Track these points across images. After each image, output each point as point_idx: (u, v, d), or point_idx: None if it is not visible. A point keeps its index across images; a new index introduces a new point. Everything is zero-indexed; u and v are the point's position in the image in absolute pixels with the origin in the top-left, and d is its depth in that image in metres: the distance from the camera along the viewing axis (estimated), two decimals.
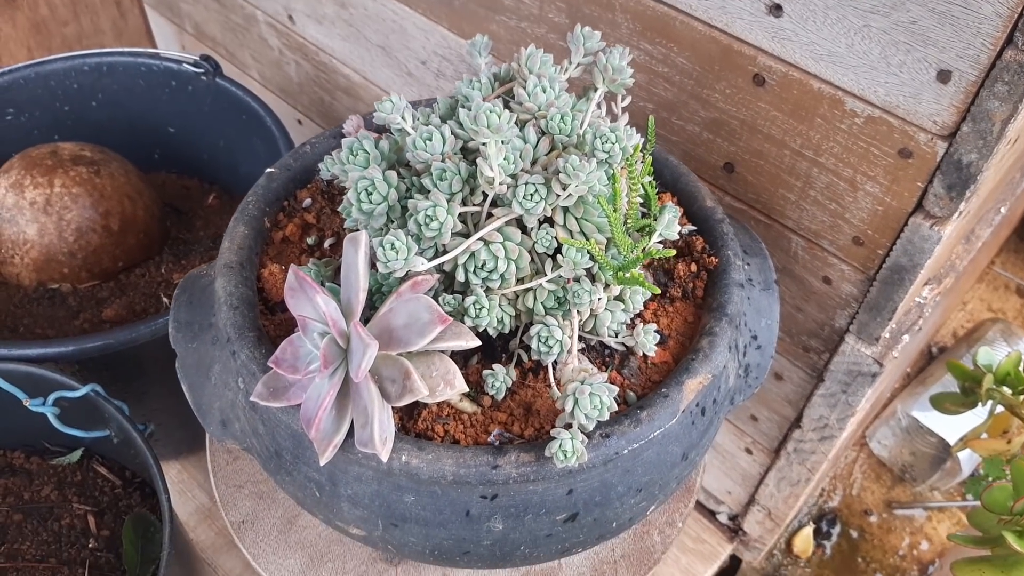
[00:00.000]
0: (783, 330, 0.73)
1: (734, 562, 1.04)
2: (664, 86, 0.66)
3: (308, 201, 0.57)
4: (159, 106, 0.94)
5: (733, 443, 0.87)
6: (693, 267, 0.55)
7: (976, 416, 0.87)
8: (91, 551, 0.67)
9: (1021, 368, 0.81)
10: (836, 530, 1.00)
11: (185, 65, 0.90)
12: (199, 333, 0.52)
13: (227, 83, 0.89)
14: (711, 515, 0.97)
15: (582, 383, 0.43)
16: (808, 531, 0.99)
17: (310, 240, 0.56)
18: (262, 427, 0.48)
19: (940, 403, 0.87)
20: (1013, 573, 0.64)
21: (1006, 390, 0.80)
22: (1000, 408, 0.84)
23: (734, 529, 0.96)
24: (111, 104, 0.93)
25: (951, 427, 1.02)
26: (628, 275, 0.44)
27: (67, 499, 0.70)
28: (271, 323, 0.51)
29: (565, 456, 0.42)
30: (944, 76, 0.51)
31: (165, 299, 0.80)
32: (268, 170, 0.57)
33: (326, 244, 0.55)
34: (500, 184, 0.43)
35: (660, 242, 0.50)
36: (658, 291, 0.45)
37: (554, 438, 0.43)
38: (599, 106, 0.50)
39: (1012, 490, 0.66)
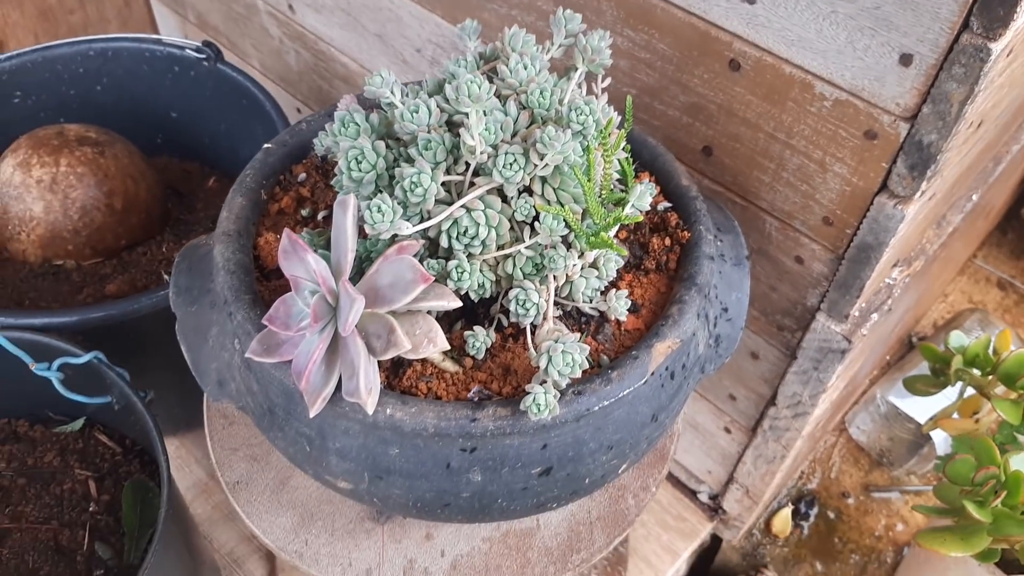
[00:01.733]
0: (759, 310, 0.76)
1: (715, 541, 1.07)
2: (646, 71, 0.69)
3: (303, 176, 0.60)
4: (162, 91, 0.97)
5: (713, 423, 0.90)
6: (667, 241, 0.58)
7: (948, 399, 0.90)
8: (91, 514, 0.70)
9: (990, 351, 0.84)
10: (814, 511, 1.03)
11: (188, 51, 0.93)
12: (198, 297, 0.55)
13: (228, 68, 0.92)
14: (692, 494, 1.00)
15: (556, 342, 0.46)
16: (787, 512, 1.02)
17: (304, 212, 0.58)
18: (256, 385, 0.51)
19: (913, 385, 0.90)
20: (973, 540, 0.67)
21: (975, 372, 0.84)
22: (970, 390, 0.87)
23: (714, 508, 0.99)
24: (116, 88, 0.96)
25: (927, 412, 1.05)
26: (600, 240, 0.47)
27: (69, 465, 0.72)
28: (266, 288, 0.54)
29: (539, 409, 0.45)
30: (906, 60, 0.54)
31: (166, 276, 0.83)
32: (265, 145, 0.60)
33: (320, 216, 0.58)
34: (481, 153, 0.46)
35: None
36: (625, 253, 0.48)
37: (528, 393, 0.45)
38: (580, 86, 0.53)
39: (974, 462, 0.69)
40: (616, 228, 0.52)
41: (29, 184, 0.81)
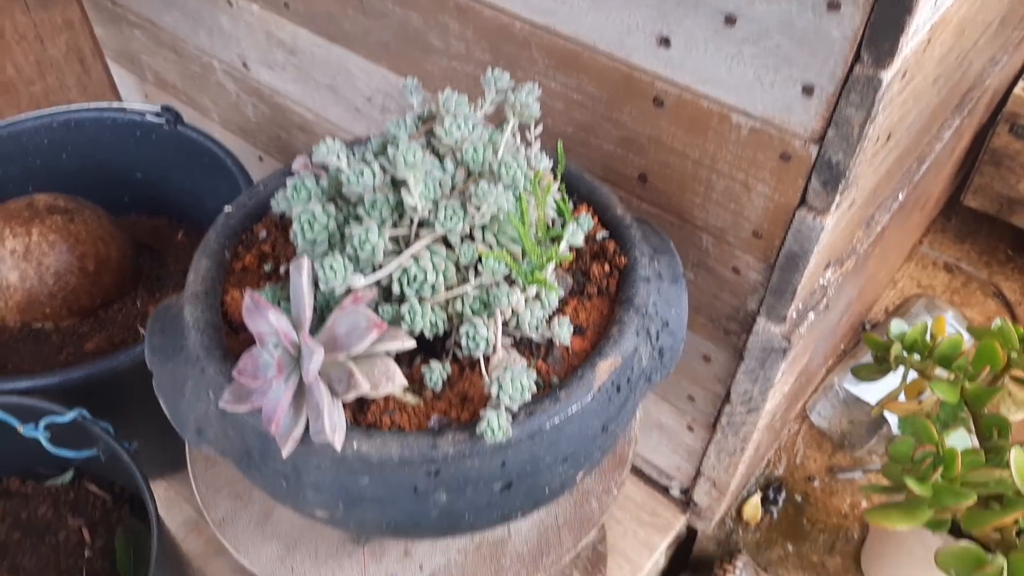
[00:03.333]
0: (706, 316, 0.81)
1: (692, 533, 1.12)
2: (580, 111, 0.74)
3: (264, 233, 0.65)
4: (126, 154, 1.01)
5: (676, 422, 0.95)
6: (607, 267, 0.63)
7: (898, 382, 0.95)
8: (87, 560, 0.73)
9: (927, 336, 0.90)
10: (782, 497, 1.08)
11: (148, 116, 0.97)
12: (172, 355, 0.59)
13: (188, 130, 0.96)
14: (664, 490, 1.05)
15: (505, 369, 0.51)
16: (756, 499, 1.07)
17: (267, 267, 0.63)
18: (232, 431, 0.55)
19: (859, 373, 0.95)
20: (916, 514, 0.72)
21: (915, 357, 0.89)
22: (913, 374, 0.92)
23: (686, 501, 1.04)
24: (80, 155, 1.00)
25: (881, 397, 1.11)
26: (538, 278, 0.51)
27: (62, 516, 0.76)
28: (236, 342, 0.58)
29: (493, 432, 0.50)
30: (808, 90, 0.59)
31: (142, 330, 0.87)
32: (226, 209, 0.64)
33: (281, 270, 0.63)
34: (423, 209, 0.51)
35: (571, 249, 0.58)
36: (560, 290, 0.53)
37: (481, 418, 0.50)
38: (514, 135, 0.58)
39: (914, 442, 0.75)
40: (553, 265, 0.56)
41: (3, 255, 0.85)
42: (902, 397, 0.94)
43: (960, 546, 0.70)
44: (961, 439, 0.77)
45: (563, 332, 0.56)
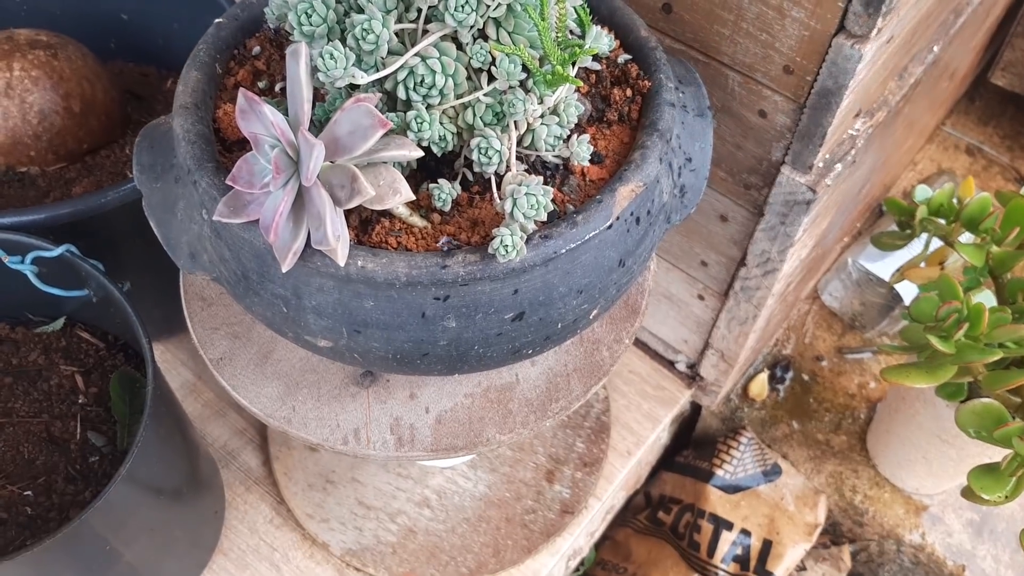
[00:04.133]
0: (726, 170, 0.77)
1: (696, 410, 1.10)
2: None
3: (257, 49, 0.60)
4: None
5: (686, 291, 0.92)
6: (628, 92, 0.58)
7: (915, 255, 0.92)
8: (81, 406, 0.71)
9: (954, 200, 0.86)
10: (789, 375, 1.07)
11: None
12: (162, 174, 0.55)
13: None
14: (670, 364, 1.03)
15: (519, 185, 0.47)
16: (763, 377, 1.06)
17: (261, 84, 0.58)
18: (228, 252, 0.52)
19: (880, 240, 0.92)
20: (938, 372, 0.69)
21: (941, 221, 0.85)
22: (936, 242, 0.89)
23: (692, 376, 1.02)
24: None
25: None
26: (558, 76, 0.47)
27: (54, 362, 0.73)
28: (229, 160, 0.54)
29: (506, 251, 0.46)
30: None
31: (131, 175, 0.82)
32: (216, 20, 0.59)
33: (276, 88, 0.58)
34: None
35: (592, 60, 0.54)
36: (580, 83, 0.48)
37: (494, 236, 0.46)
38: None
39: (937, 300, 0.72)
40: (575, 71, 0.52)
41: None
42: (923, 265, 0.91)
43: (982, 402, 0.67)
44: (986, 298, 0.75)
45: (582, 151, 0.52)
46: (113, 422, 0.70)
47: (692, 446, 1.12)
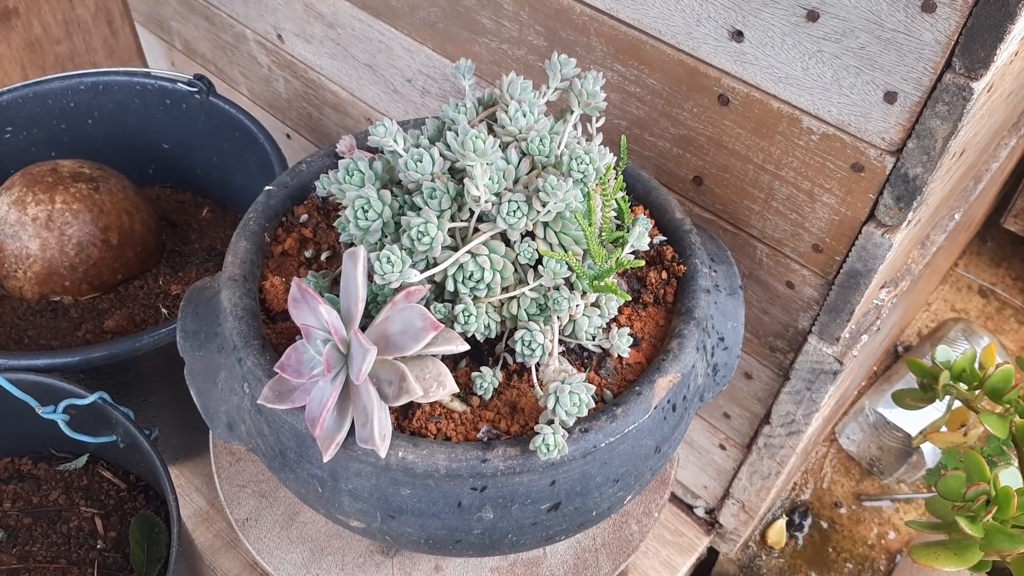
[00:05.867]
0: (752, 332, 0.78)
1: (712, 554, 1.08)
2: (636, 105, 0.70)
3: (305, 216, 0.61)
4: (154, 123, 0.97)
5: (708, 439, 0.92)
6: (664, 274, 0.59)
7: (936, 410, 0.92)
8: (99, 552, 0.70)
9: (976, 365, 0.86)
10: (808, 522, 1.05)
11: (179, 84, 0.94)
12: (205, 342, 0.56)
13: (220, 101, 0.93)
14: (689, 509, 1.01)
15: (562, 382, 0.48)
16: (781, 523, 1.04)
17: (307, 253, 0.59)
18: (267, 428, 0.52)
19: (901, 399, 0.92)
20: (966, 555, 0.68)
21: (962, 386, 0.86)
22: (957, 403, 0.89)
23: (711, 522, 1.00)
24: (107, 122, 0.96)
25: (915, 422, 1.07)
26: (603, 284, 0.48)
27: (74, 503, 0.73)
28: (273, 331, 0.55)
29: (548, 449, 0.47)
30: (891, 97, 0.55)
31: (164, 310, 0.83)
32: (267, 188, 0.60)
33: (323, 257, 0.59)
34: (486, 202, 0.47)
35: (632, 253, 0.55)
36: (629, 298, 0.49)
37: (537, 433, 0.47)
38: (575, 127, 0.55)
39: (965, 478, 0.71)
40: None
41: (25, 222, 0.81)
42: (943, 428, 0.90)
43: None
44: (1013, 477, 0.74)
45: (622, 343, 0.53)
46: (130, 570, 0.69)
47: None
